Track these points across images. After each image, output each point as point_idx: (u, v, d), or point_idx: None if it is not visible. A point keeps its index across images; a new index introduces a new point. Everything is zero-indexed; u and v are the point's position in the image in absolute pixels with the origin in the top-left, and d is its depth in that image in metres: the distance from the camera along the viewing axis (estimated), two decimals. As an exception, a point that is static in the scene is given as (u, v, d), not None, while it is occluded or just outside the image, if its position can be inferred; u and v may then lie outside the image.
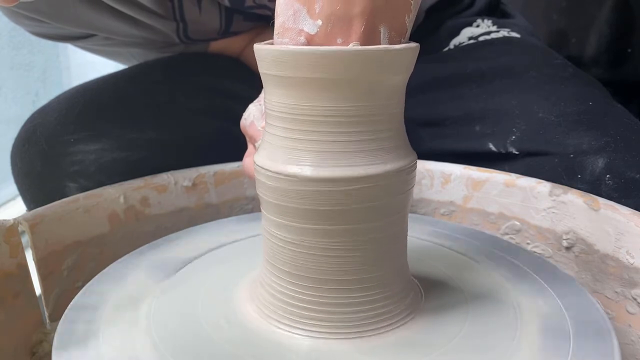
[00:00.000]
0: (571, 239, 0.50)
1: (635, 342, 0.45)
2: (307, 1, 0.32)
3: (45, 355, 0.46)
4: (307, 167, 0.32)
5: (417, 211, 0.61)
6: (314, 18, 0.32)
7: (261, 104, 0.44)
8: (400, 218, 0.36)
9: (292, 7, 0.32)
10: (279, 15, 0.33)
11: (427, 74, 0.67)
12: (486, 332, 0.35)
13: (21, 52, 1.22)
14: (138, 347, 0.34)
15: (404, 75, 0.34)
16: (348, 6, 0.31)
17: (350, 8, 0.31)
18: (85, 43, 0.73)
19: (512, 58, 0.66)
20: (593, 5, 1.22)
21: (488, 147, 0.60)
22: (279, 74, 0.32)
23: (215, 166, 0.60)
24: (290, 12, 0.32)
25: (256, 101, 0.45)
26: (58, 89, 1.33)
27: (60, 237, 0.49)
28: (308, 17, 0.32)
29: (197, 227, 0.52)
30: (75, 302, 0.39)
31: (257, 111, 0.44)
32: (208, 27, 0.72)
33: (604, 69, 1.23)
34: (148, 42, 0.72)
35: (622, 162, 0.51)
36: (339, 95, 0.32)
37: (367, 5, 0.31)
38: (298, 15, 0.32)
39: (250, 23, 0.73)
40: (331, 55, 0.31)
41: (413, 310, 0.37)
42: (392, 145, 0.34)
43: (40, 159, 0.57)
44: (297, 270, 0.35)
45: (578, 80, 0.62)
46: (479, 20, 0.75)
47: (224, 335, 0.35)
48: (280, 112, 0.33)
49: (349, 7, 0.31)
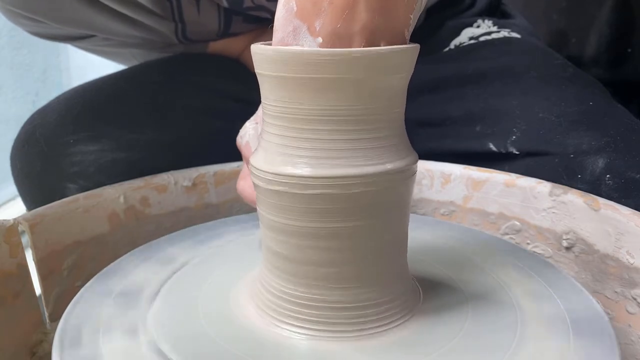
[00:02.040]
0: (571, 239, 0.50)
1: (635, 342, 0.45)
2: (308, 18, 0.31)
3: (45, 355, 0.46)
4: (306, 167, 0.32)
5: (417, 211, 0.61)
6: (314, 35, 0.31)
7: (257, 122, 0.43)
8: (401, 218, 0.36)
9: (291, 24, 0.32)
10: (277, 31, 0.32)
11: (428, 74, 0.67)
12: (486, 332, 0.35)
13: (21, 52, 1.22)
14: (137, 346, 0.34)
15: (405, 75, 0.34)
16: (349, 24, 0.31)
17: (351, 25, 0.31)
18: (84, 43, 0.73)
19: (513, 58, 0.66)
20: (593, 5, 1.22)
21: (488, 147, 0.60)
22: (278, 75, 0.32)
23: (215, 166, 0.60)
24: (289, 29, 0.32)
25: (253, 119, 0.44)
26: (58, 89, 1.33)
27: (60, 237, 0.49)
28: (308, 34, 0.31)
29: (198, 227, 0.52)
30: (75, 302, 0.39)
31: (253, 131, 0.43)
32: (207, 28, 0.72)
33: (604, 69, 1.23)
34: (147, 43, 0.72)
35: (623, 162, 0.51)
36: (340, 96, 0.32)
37: (367, 22, 0.31)
38: (298, 32, 0.32)
39: (249, 25, 0.73)
40: (332, 56, 0.31)
41: (413, 310, 0.37)
42: (393, 145, 0.34)
43: (40, 160, 0.57)
44: (297, 269, 0.35)
45: (578, 80, 0.62)
46: (479, 20, 0.75)
47: (223, 335, 0.35)
48: (278, 113, 0.33)
49: (350, 25, 0.31)
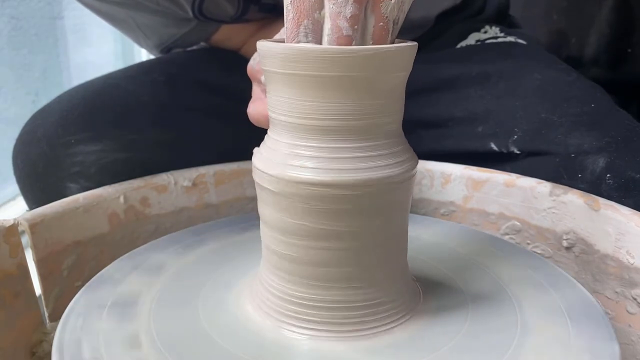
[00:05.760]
0: (571, 239, 0.50)
1: (635, 342, 0.45)
2: None
3: (45, 355, 0.46)
4: (309, 170, 0.32)
5: (417, 211, 0.61)
6: None
7: None
8: (401, 219, 0.36)
9: None
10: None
11: (433, 75, 0.67)
12: (486, 332, 0.35)
13: (21, 52, 1.22)
14: (137, 346, 0.34)
15: (405, 74, 0.34)
16: None
17: None
18: None
19: (517, 61, 0.67)
20: (593, 5, 1.22)
21: (490, 147, 0.60)
22: (283, 72, 0.33)
23: (215, 166, 0.60)
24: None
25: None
26: (58, 89, 1.33)
27: (60, 237, 0.49)
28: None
29: (199, 226, 0.52)
30: (75, 302, 0.39)
31: None
32: (224, 8, 0.71)
33: (604, 69, 1.24)
34: (159, 9, 0.71)
35: (623, 161, 0.51)
36: (341, 94, 0.32)
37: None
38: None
39: (262, 14, 0.73)
40: (336, 54, 0.31)
41: (413, 310, 0.37)
42: (394, 147, 0.34)
43: (41, 160, 0.57)
44: (297, 270, 0.35)
45: (581, 84, 0.62)
46: (487, 26, 0.76)
47: (223, 335, 0.35)
48: (285, 111, 0.34)
49: None
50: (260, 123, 0.41)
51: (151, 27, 0.75)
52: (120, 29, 0.80)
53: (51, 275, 0.48)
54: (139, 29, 0.76)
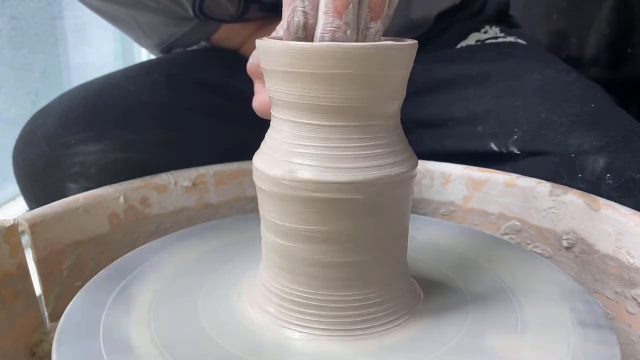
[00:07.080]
0: (571, 239, 0.50)
1: (635, 342, 0.45)
2: None
3: (45, 355, 0.46)
4: (309, 172, 0.32)
5: (417, 211, 0.61)
6: None
7: None
8: (401, 219, 0.36)
9: None
10: None
11: (433, 75, 0.67)
12: (486, 333, 0.35)
13: (21, 52, 1.22)
14: (137, 345, 0.34)
15: (406, 72, 0.34)
16: None
17: None
18: None
19: (517, 61, 0.67)
20: (593, 5, 1.22)
21: (490, 147, 0.60)
22: (282, 69, 0.33)
23: (215, 166, 0.60)
24: None
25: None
26: (58, 89, 1.33)
27: (60, 237, 0.49)
28: None
29: (199, 226, 0.52)
30: (74, 301, 0.39)
31: None
32: (225, 7, 0.71)
33: (604, 69, 1.23)
34: (160, 8, 0.71)
35: (623, 161, 0.51)
36: (341, 92, 0.32)
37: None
38: None
39: (262, 13, 0.73)
40: (337, 51, 0.31)
41: (413, 310, 0.37)
42: (393, 148, 0.34)
43: (41, 160, 0.57)
44: (297, 270, 0.35)
45: (581, 84, 0.62)
46: (487, 26, 0.76)
47: (223, 335, 0.35)
48: (284, 108, 0.34)
49: None
50: (267, 114, 0.41)
51: (152, 26, 0.75)
52: (121, 29, 0.80)
53: (51, 275, 0.49)
54: (140, 28, 0.76)
